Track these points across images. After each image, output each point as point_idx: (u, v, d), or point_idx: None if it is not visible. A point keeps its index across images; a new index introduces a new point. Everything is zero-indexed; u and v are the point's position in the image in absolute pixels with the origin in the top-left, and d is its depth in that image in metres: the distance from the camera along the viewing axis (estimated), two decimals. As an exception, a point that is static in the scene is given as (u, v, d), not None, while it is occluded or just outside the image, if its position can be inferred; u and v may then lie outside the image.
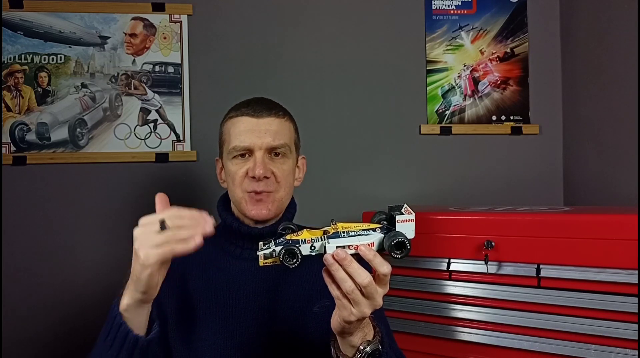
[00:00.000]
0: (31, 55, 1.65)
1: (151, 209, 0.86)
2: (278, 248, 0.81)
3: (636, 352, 1.04)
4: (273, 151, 1.06)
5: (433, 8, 1.81)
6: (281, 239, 0.82)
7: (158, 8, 1.70)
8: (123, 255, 1.56)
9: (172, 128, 1.70)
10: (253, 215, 1.05)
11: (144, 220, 0.82)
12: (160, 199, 0.85)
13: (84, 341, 1.56)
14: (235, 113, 1.08)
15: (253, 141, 1.04)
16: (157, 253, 0.79)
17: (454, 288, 1.26)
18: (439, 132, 1.80)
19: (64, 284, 1.62)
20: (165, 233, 0.79)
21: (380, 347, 0.86)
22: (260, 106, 1.07)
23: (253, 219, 1.06)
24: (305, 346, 1.02)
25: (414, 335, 1.31)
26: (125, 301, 0.84)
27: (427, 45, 1.81)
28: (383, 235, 0.82)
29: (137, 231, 0.81)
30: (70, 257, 1.63)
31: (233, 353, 1.01)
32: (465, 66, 1.82)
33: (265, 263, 0.82)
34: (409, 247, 0.80)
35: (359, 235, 0.81)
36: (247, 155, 1.06)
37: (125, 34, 1.69)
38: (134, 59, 1.69)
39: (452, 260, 1.26)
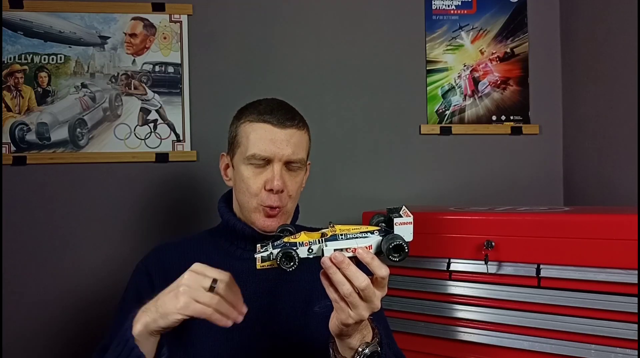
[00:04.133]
0: (31, 55, 1.65)
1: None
2: (275, 251, 0.80)
3: (636, 352, 1.04)
4: (289, 164, 1.06)
5: (433, 8, 1.81)
6: (279, 242, 0.81)
7: (158, 8, 1.70)
8: (123, 255, 1.59)
9: (172, 128, 1.70)
10: (262, 227, 1.06)
11: (197, 268, 0.85)
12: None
13: (85, 341, 1.58)
14: (255, 118, 1.06)
15: (274, 152, 1.04)
16: (195, 308, 0.82)
17: (454, 288, 1.26)
18: (439, 132, 1.80)
19: (64, 284, 1.62)
20: (211, 296, 0.83)
21: (379, 348, 0.86)
22: (283, 115, 1.06)
23: (261, 230, 1.07)
24: (305, 346, 1.02)
25: (414, 335, 1.31)
26: (140, 327, 0.85)
27: (427, 45, 1.81)
28: (381, 238, 0.81)
29: (187, 276, 0.84)
30: (71, 257, 1.63)
31: (233, 354, 1.01)
32: (465, 66, 1.82)
33: (263, 266, 0.82)
34: (407, 250, 0.79)
35: (357, 237, 0.81)
36: (263, 163, 1.05)
37: (125, 34, 1.69)
38: (134, 59, 1.69)
39: (452, 260, 1.26)
